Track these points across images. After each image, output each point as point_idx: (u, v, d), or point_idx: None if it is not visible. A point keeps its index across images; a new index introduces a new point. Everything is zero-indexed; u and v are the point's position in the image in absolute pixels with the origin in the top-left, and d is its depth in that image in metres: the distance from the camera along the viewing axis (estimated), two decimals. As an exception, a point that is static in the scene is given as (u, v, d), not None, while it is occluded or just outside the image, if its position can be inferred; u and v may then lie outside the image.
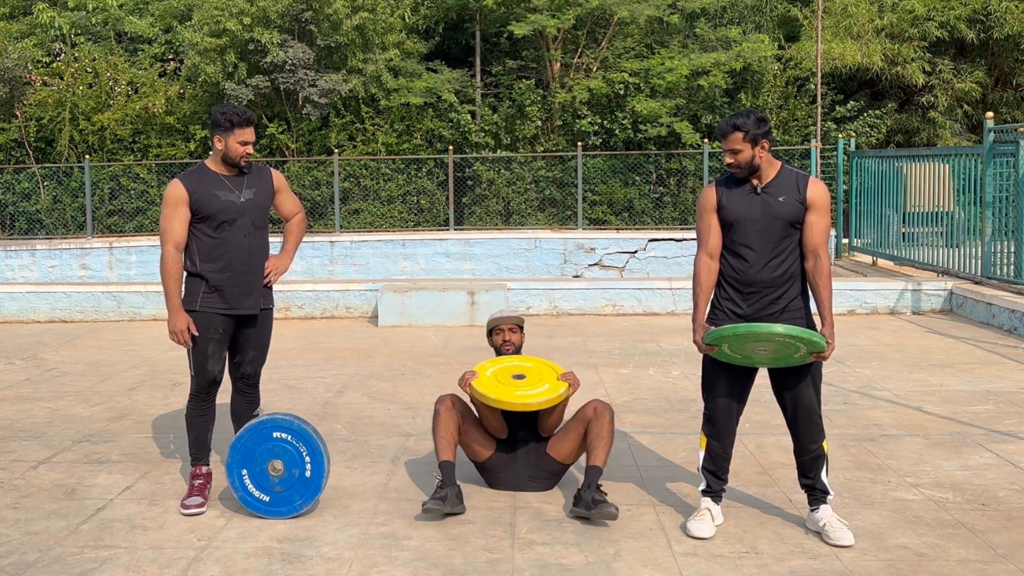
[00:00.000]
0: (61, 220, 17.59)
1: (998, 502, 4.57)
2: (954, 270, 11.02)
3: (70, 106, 17.53)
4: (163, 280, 4.50)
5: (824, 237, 4.08)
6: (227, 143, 4.51)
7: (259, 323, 4.70)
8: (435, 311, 10.11)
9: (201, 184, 4.52)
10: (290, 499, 4.42)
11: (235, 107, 4.57)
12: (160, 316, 10.51)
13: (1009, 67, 19.13)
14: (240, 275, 4.57)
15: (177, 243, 4.50)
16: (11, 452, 5.57)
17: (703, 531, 4.14)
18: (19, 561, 3.99)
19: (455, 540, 4.16)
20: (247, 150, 4.53)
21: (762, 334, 3.88)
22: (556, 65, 18.04)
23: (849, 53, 17.57)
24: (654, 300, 10.62)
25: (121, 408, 6.62)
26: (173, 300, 4.48)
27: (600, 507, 4.25)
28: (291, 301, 10.63)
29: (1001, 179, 10.31)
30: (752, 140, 4.05)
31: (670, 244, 15.52)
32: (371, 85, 17.26)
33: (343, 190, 17.23)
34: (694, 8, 18.27)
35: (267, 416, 4.50)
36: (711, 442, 4.27)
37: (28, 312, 10.69)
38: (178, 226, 4.50)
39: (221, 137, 4.52)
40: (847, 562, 3.89)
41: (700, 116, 17.47)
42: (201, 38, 16.68)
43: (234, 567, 3.91)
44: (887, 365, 7.68)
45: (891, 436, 5.70)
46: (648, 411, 6.36)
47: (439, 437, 4.55)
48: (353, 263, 15.99)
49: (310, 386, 7.24)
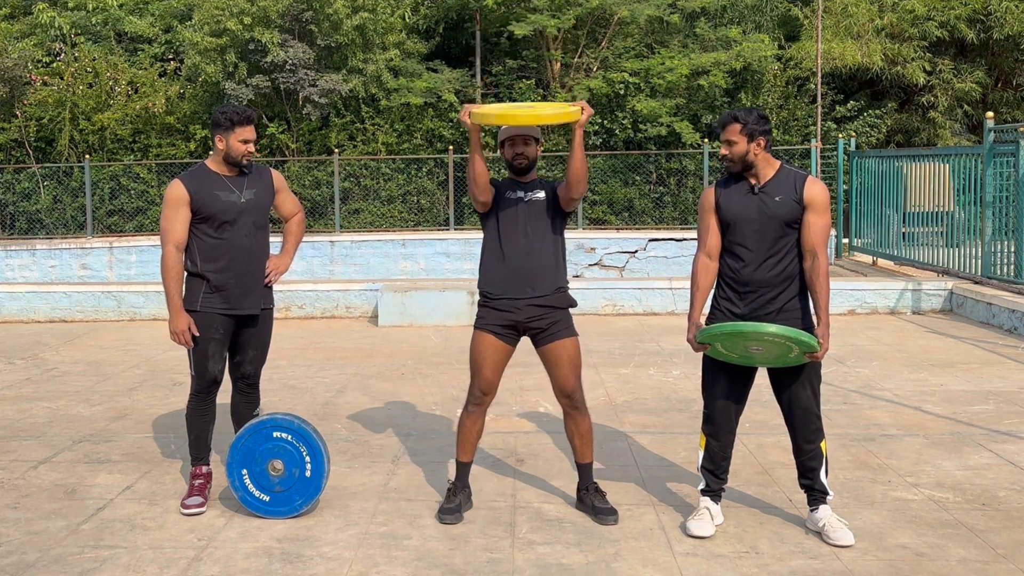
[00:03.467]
0: (61, 220, 17.59)
1: (998, 502, 4.57)
2: (954, 270, 11.02)
3: (70, 106, 17.53)
4: (164, 280, 4.51)
5: (822, 237, 4.07)
6: (228, 142, 4.52)
7: (259, 323, 4.70)
8: (435, 311, 10.11)
9: (202, 184, 4.53)
10: (290, 499, 4.42)
11: (235, 106, 4.58)
12: (160, 316, 10.51)
13: (1009, 67, 19.13)
14: (241, 275, 4.58)
15: (178, 243, 4.50)
16: (11, 452, 5.57)
17: (702, 530, 4.15)
18: (19, 561, 3.99)
19: (455, 540, 4.16)
20: (248, 148, 4.54)
21: (752, 333, 3.88)
22: (556, 65, 18.03)
23: (849, 53, 17.56)
24: (654, 300, 10.62)
25: (121, 408, 6.63)
26: (174, 300, 4.49)
27: (601, 516, 4.34)
28: (291, 301, 10.63)
29: (1001, 179, 10.31)
30: (749, 134, 4.06)
31: (670, 244, 15.52)
32: (371, 85, 17.25)
33: (343, 190, 17.23)
34: (694, 8, 18.26)
35: (267, 416, 4.50)
36: (710, 442, 4.28)
37: (28, 312, 10.69)
38: (179, 226, 4.50)
39: (222, 136, 4.53)
40: (847, 562, 3.89)
41: (700, 116, 17.47)
42: (201, 38, 16.68)
43: (234, 567, 3.91)
44: (887, 365, 7.68)
45: (891, 436, 5.71)
46: (648, 411, 6.36)
47: (464, 437, 4.48)
48: (353, 263, 15.99)
49: (310, 386, 7.24)
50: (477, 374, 4.41)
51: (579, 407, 4.41)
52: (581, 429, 4.43)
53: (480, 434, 4.51)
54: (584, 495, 4.47)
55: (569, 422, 4.44)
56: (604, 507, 4.37)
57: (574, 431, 4.44)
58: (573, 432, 4.44)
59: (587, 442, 4.45)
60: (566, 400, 4.40)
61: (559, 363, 4.35)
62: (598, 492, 4.45)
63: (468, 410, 4.47)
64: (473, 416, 4.46)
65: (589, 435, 4.45)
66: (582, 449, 4.45)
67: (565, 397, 4.39)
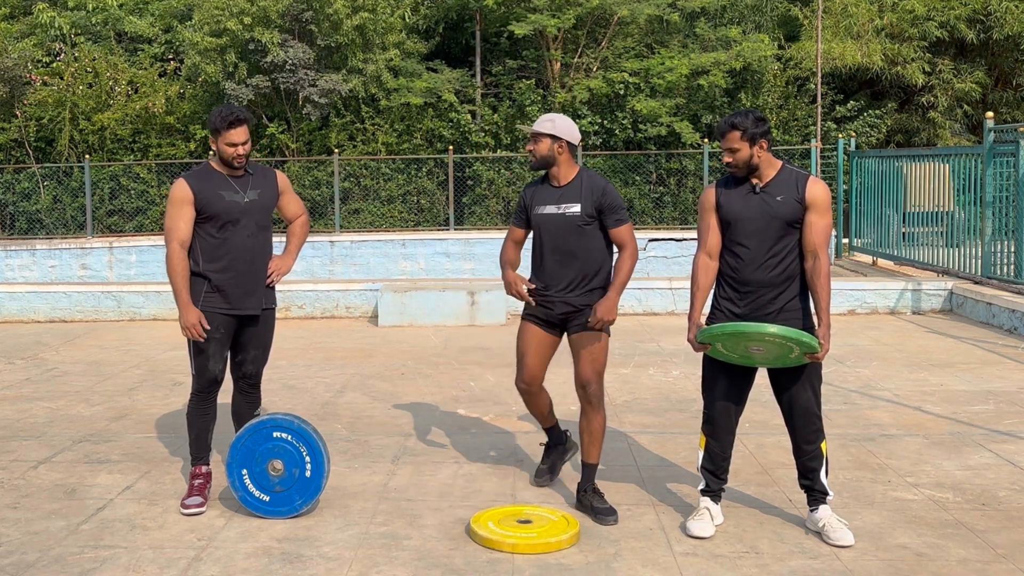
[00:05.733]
0: (61, 220, 17.59)
1: (998, 502, 4.57)
2: (954, 270, 11.02)
3: (70, 106, 17.53)
4: (170, 278, 4.51)
5: (823, 237, 4.07)
6: (218, 145, 4.55)
7: (261, 323, 4.71)
8: (435, 311, 10.11)
9: (206, 184, 4.53)
10: (290, 499, 4.42)
11: (225, 109, 4.56)
12: (160, 316, 10.52)
13: (1009, 67, 19.13)
14: (243, 275, 4.58)
15: (182, 241, 4.51)
16: (11, 452, 5.57)
17: (702, 530, 4.15)
18: (19, 561, 3.99)
19: (455, 540, 4.16)
20: (237, 151, 4.54)
21: (753, 334, 3.88)
22: (556, 65, 18.04)
23: (849, 53, 17.57)
24: (654, 300, 10.62)
25: (121, 408, 6.63)
26: (182, 296, 4.49)
27: (601, 516, 4.37)
28: (291, 301, 10.63)
29: (1001, 179, 10.31)
30: (750, 139, 4.05)
31: (670, 244, 15.51)
32: (371, 85, 17.26)
33: (343, 190, 17.23)
34: (694, 8, 18.26)
35: (267, 416, 4.50)
36: (710, 442, 4.28)
37: (28, 312, 10.69)
38: (183, 225, 4.51)
39: (214, 139, 4.56)
40: (847, 562, 3.89)
41: (700, 116, 17.47)
42: (201, 38, 16.68)
43: (234, 567, 3.91)
44: (887, 365, 7.68)
45: (891, 436, 5.71)
46: (648, 411, 6.36)
47: (536, 414, 4.78)
48: (353, 263, 15.99)
49: (310, 386, 7.24)
50: (520, 363, 4.63)
51: (593, 403, 4.45)
52: (592, 426, 4.47)
53: (549, 405, 4.75)
54: (583, 496, 4.49)
55: (582, 417, 4.50)
56: (603, 507, 4.39)
57: (584, 427, 4.49)
58: (584, 428, 4.49)
59: (595, 440, 4.48)
60: (581, 391, 4.47)
61: (578, 353, 4.47)
62: (596, 492, 4.47)
63: (523, 398, 4.72)
64: (531, 398, 4.70)
65: (598, 434, 4.48)
66: (589, 447, 4.49)
67: (580, 388, 4.47)
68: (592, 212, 4.40)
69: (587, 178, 4.46)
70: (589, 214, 4.40)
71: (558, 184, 4.49)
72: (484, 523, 4.19)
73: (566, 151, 4.46)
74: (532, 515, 4.29)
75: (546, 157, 4.47)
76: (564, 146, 4.44)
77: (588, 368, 4.44)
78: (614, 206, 4.40)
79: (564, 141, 4.43)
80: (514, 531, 4.11)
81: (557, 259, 4.46)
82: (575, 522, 4.20)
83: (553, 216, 4.45)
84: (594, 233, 4.43)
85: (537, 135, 4.46)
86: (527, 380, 4.61)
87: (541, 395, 4.69)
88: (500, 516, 4.28)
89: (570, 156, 4.48)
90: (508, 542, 4.02)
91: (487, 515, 4.28)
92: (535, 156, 4.49)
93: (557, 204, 4.45)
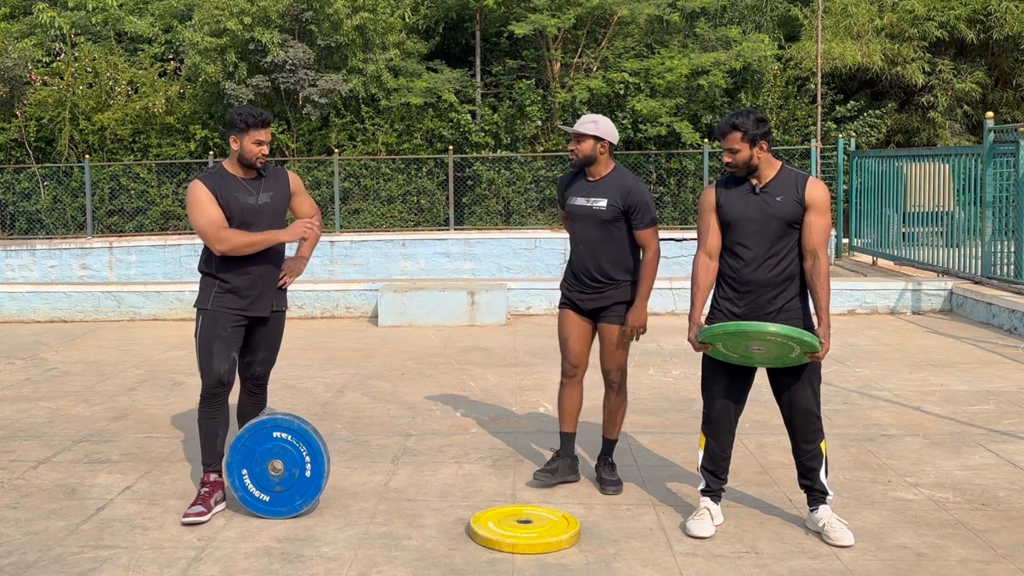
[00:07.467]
0: (61, 220, 17.58)
1: (998, 502, 4.57)
2: (954, 270, 11.02)
3: (70, 106, 17.52)
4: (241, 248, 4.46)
5: (823, 237, 4.08)
6: (242, 143, 4.50)
7: (271, 324, 4.70)
8: (435, 311, 10.11)
9: (221, 185, 4.50)
10: (290, 499, 4.42)
11: (252, 108, 4.57)
12: (160, 316, 10.52)
13: (1009, 67, 19.12)
14: (255, 278, 4.56)
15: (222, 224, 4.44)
16: (11, 452, 5.57)
17: (702, 530, 4.15)
18: (19, 561, 3.99)
19: (455, 540, 4.16)
20: (262, 150, 4.52)
21: (754, 333, 3.88)
22: (556, 65, 18.03)
23: (849, 53, 17.56)
24: (654, 300, 10.59)
25: (121, 408, 6.63)
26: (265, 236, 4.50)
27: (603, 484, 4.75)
28: (291, 301, 10.62)
29: (1001, 179, 10.31)
30: (751, 140, 4.06)
31: (670, 244, 15.50)
32: (371, 85, 17.25)
33: (343, 190, 17.23)
34: (694, 8, 18.26)
35: (267, 416, 4.50)
36: (709, 442, 4.28)
37: (28, 312, 10.69)
38: (213, 210, 4.44)
39: (236, 137, 4.50)
40: (847, 562, 3.89)
41: (700, 116, 17.47)
42: (201, 38, 16.68)
43: (234, 567, 3.91)
44: (887, 365, 7.68)
45: (891, 436, 5.71)
46: (648, 411, 6.36)
47: (562, 409, 4.87)
48: (353, 263, 15.99)
49: (310, 386, 7.24)
50: (563, 347, 4.83)
51: (614, 387, 4.77)
52: (610, 404, 4.81)
53: (580, 404, 4.88)
54: (598, 466, 4.87)
55: (605, 397, 4.84)
56: (610, 479, 4.75)
57: (605, 404, 4.84)
58: (605, 406, 4.83)
59: (613, 419, 4.81)
60: (604, 376, 4.79)
61: (604, 345, 4.75)
62: (609, 465, 4.82)
63: (562, 382, 4.85)
64: (568, 389, 4.84)
65: (617, 414, 4.80)
66: (607, 423, 4.84)
67: (604, 374, 4.79)
68: (618, 209, 4.60)
69: (618, 176, 4.68)
70: (614, 210, 4.59)
71: (592, 179, 4.72)
72: (484, 523, 4.20)
73: (607, 151, 4.67)
74: (532, 515, 4.30)
75: (589, 156, 4.67)
76: (606, 146, 4.66)
77: (611, 361, 4.74)
78: (640, 206, 4.60)
79: (607, 142, 4.65)
80: (514, 531, 4.12)
81: (585, 249, 4.70)
82: (575, 522, 4.21)
83: (582, 208, 4.68)
84: (620, 229, 4.63)
85: (580, 136, 4.65)
86: (573, 361, 4.81)
87: (579, 389, 4.88)
88: (500, 516, 4.28)
89: (609, 156, 4.70)
90: (508, 542, 4.03)
91: (487, 515, 4.29)
92: (577, 155, 4.69)
93: (587, 197, 4.69)
